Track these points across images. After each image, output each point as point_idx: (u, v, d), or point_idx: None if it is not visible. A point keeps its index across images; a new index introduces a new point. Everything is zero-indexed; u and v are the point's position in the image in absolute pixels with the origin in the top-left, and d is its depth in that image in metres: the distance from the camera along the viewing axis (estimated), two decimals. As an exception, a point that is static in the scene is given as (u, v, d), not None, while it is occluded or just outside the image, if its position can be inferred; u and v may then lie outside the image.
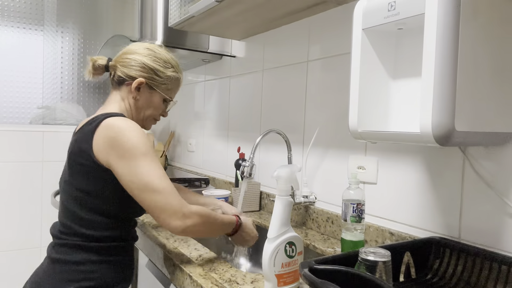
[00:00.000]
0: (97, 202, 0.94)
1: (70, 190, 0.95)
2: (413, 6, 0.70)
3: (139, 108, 1.08)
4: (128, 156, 0.89)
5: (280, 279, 0.79)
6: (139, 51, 1.06)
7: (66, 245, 0.94)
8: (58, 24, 2.27)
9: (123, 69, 1.04)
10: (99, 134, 0.92)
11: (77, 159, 0.94)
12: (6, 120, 2.15)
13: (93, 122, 0.94)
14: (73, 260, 0.93)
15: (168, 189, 0.89)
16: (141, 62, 1.04)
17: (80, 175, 0.94)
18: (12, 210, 2.13)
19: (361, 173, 1.14)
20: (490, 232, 0.84)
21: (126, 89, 1.05)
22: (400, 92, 0.83)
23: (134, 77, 1.04)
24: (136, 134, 0.91)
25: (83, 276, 0.92)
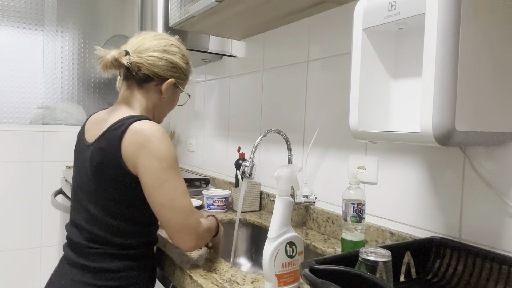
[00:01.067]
0: (128, 211, 0.92)
1: (99, 200, 0.92)
2: (414, 6, 0.70)
3: (163, 107, 1.04)
4: (156, 167, 0.86)
5: (280, 279, 0.79)
6: (169, 49, 0.99)
7: (102, 254, 0.92)
8: (58, 24, 2.27)
9: (151, 68, 0.97)
10: (128, 140, 0.87)
11: (107, 170, 0.89)
12: (6, 120, 2.15)
13: (120, 128, 0.89)
14: (112, 268, 0.91)
15: (188, 207, 0.89)
16: (174, 62, 0.99)
17: (109, 185, 0.90)
18: (12, 210, 2.13)
19: (361, 173, 1.14)
20: (490, 232, 0.84)
21: (152, 88, 0.99)
22: (401, 92, 0.83)
23: (164, 77, 0.99)
24: (166, 144, 0.88)
25: (124, 283, 0.92)
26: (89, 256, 0.92)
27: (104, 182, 0.90)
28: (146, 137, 0.87)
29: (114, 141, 0.88)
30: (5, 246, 2.12)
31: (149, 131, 0.88)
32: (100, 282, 0.90)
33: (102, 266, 0.91)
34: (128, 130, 0.88)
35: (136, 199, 0.91)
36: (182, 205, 0.88)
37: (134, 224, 0.93)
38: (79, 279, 0.91)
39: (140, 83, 0.99)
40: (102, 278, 0.90)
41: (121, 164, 0.87)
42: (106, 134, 0.90)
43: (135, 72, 0.97)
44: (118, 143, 0.88)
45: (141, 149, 0.86)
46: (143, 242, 0.96)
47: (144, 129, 0.88)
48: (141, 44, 0.97)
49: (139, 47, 0.97)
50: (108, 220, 0.91)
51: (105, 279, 0.90)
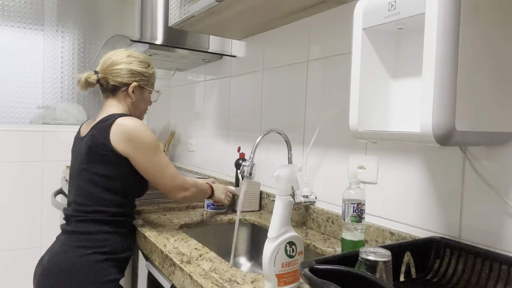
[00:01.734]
0: (112, 183, 1.16)
1: (87, 175, 1.16)
2: (414, 6, 0.70)
3: (136, 106, 1.30)
4: (145, 149, 1.16)
5: (280, 279, 0.79)
6: (124, 60, 1.25)
7: (82, 220, 1.16)
8: (58, 24, 2.27)
9: (115, 79, 1.24)
10: (115, 129, 1.14)
11: (96, 150, 1.14)
12: (6, 120, 2.15)
13: (107, 120, 1.16)
14: (88, 231, 1.15)
15: (173, 174, 1.22)
16: (131, 70, 1.25)
17: (98, 163, 1.15)
18: (12, 210, 2.13)
19: (361, 173, 1.14)
20: (490, 232, 0.84)
21: (122, 94, 1.26)
22: (401, 91, 0.83)
23: (127, 83, 1.25)
24: (148, 132, 1.17)
25: (98, 244, 1.14)
26: (74, 223, 1.16)
27: (93, 159, 1.15)
28: (131, 129, 1.14)
29: (104, 129, 1.15)
30: (5, 246, 2.12)
31: (132, 124, 1.15)
32: (80, 243, 1.14)
33: (82, 229, 1.15)
34: (115, 122, 1.15)
35: (122, 173, 1.17)
36: (168, 173, 1.20)
37: (113, 193, 1.17)
38: (66, 242, 1.15)
39: (112, 92, 1.26)
40: (82, 240, 1.14)
41: (110, 145, 1.13)
42: (97, 125, 1.18)
43: (105, 85, 1.26)
44: (107, 130, 1.14)
45: (130, 137, 1.14)
46: (119, 212, 1.19)
47: (128, 123, 1.15)
48: (105, 62, 1.26)
49: (103, 65, 1.25)
50: (93, 190, 1.16)
51: (84, 240, 1.14)
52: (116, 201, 1.18)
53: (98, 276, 1.11)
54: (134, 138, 1.14)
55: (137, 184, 1.22)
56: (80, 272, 1.10)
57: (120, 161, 1.15)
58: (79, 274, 1.10)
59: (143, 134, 1.15)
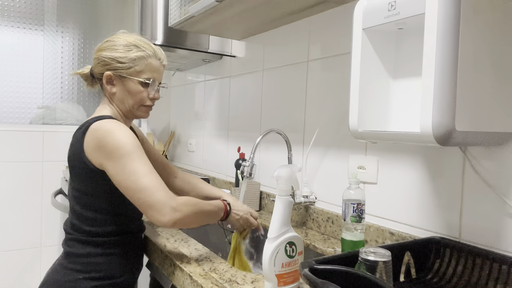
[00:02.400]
0: (93, 201, 1.00)
1: (71, 191, 1.04)
2: (413, 6, 0.70)
3: (120, 100, 1.07)
4: (114, 157, 0.92)
5: (280, 279, 0.79)
6: (100, 47, 1.07)
7: (75, 239, 1.02)
8: (58, 24, 2.27)
9: (95, 70, 1.08)
10: (88, 137, 0.97)
11: (72, 163, 1.01)
12: (6, 120, 2.15)
13: (82, 127, 1.00)
14: (81, 253, 1.01)
15: (152, 184, 0.90)
16: (100, 57, 1.05)
17: (76, 177, 1.01)
18: (12, 210, 2.13)
19: (361, 173, 1.14)
20: (490, 232, 0.84)
21: (103, 87, 1.08)
22: (401, 92, 0.83)
23: (101, 73, 1.05)
24: (120, 135, 0.94)
25: (92, 268, 1.00)
26: (67, 242, 1.04)
27: (74, 175, 1.02)
28: (102, 134, 0.95)
29: (78, 138, 0.99)
30: (5, 246, 2.12)
31: (104, 128, 0.95)
32: (72, 265, 1.00)
33: (74, 251, 1.01)
34: (88, 129, 0.98)
35: (101, 191, 0.99)
36: (145, 184, 0.90)
37: (101, 213, 1.01)
38: (60, 263, 1.03)
39: (100, 86, 1.10)
40: (74, 262, 1.00)
41: (84, 159, 0.97)
42: (75, 133, 1.02)
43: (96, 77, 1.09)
44: (81, 140, 0.98)
45: (100, 143, 0.94)
46: (112, 231, 1.02)
47: (100, 127, 0.96)
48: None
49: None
50: (80, 209, 1.01)
51: (76, 263, 1.00)
52: (104, 220, 1.01)
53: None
54: (104, 143, 0.93)
55: (125, 200, 0.95)
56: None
57: (98, 176, 0.97)
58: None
59: (114, 137, 0.93)
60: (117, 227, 1.03)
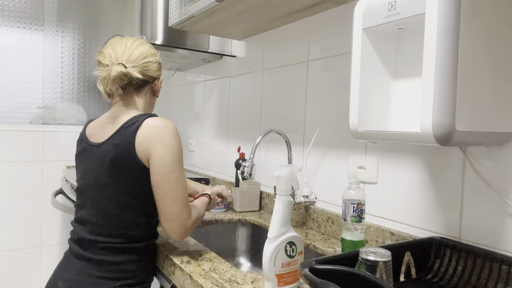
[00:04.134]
0: (136, 202, 0.99)
1: (110, 193, 0.98)
2: (414, 6, 0.70)
3: (154, 102, 1.14)
4: (167, 157, 0.95)
5: (280, 279, 0.79)
6: (150, 51, 1.07)
7: (110, 248, 0.99)
8: (58, 24, 2.27)
9: (147, 73, 1.05)
10: (142, 133, 0.96)
11: (118, 162, 0.96)
12: (6, 120, 2.15)
13: (134, 124, 0.97)
14: (115, 260, 0.98)
15: (186, 200, 0.98)
16: (159, 62, 1.09)
17: (121, 177, 0.97)
18: (12, 210, 2.13)
19: (361, 173, 1.14)
20: (490, 232, 0.84)
21: (147, 90, 1.08)
22: (401, 91, 0.83)
23: (155, 77, 1.09)
24: (177, 138, 0.98)
25: (127, 275, 0.99)
26: (94, 249, 0.98)
27: (116, 175, 0.97)
28: (161, 130, 0.96)
29: (129, 136, 0.96)
30: (5, 246, 2.12)
31: (163, 125, 0.97)
32: (104, 274, 0.97)
33: (106, 258, 0.97)
34: (142, 125, 0.96)
35: (144, 190, 0.98)
36: (182, 196, 0.97)
37: (140, 214, 1.00)
38: (84, 271, 0.97)
39: (138, 88, 1.07)
40: (106, 270, 0.97)
41: (135, 157, 0.95)
42: (121, 131, 0.98)
43: (135, 81, 1.04)
44: (133, 137, 0.95)
45: (156, 140, 0.95)
46: (146, 234, 1.03)
47: (159, 124, 0.97)
48: (129, 53, 1.03)
49: (130, 57, 1.03)
50: (116, 210, 0.98)
51: (108, 271, 0.97)
52: (144, 222, 1.01)
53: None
54: (160, 139, 0.95)
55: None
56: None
57: (146, 173, 0.97)
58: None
59: (172, 139, 0.96)
60: (154, 230, 1.06)
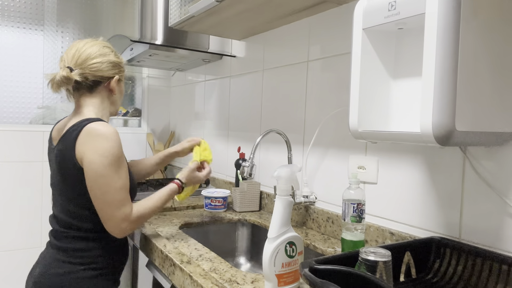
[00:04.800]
0: (87, 201, 1.04)
1: (64, 192, 1.07)
2: (414, 6, 0.70)
3: (115, 101, 1.18)
4: (96, 162, 0.99)
5: (280, 279, 0.79)
6: (101, 51, 1.11)
7: (69, 237, 1.08)
8: (58, 24, 2.27)
9: (97, 73, 1.09)
10: (81, 139, 1.01)
11: (66, 166, 1.03)
12: (6, 120, 2.15)
13: (75, 130, 1.02)
14: (78, 248, 1.07)
15: (117, 202, 1.02)
16: (112, 61, 1.12)
17: (69, 179, 1.04)
18: (12, 210, 2.13)
19: (361, 173, 1.14)
20: (490, 232, 0.84)
21: (102, 90, 1.13)
22: (401, 92, 0.83)
23: (108, 77, 1.12)
24: (111, 143, 1.01)
25: (91, 260, 1.08)
26: (62, 239, 1.09)
27: (66, 177, 1.05)
28: (95, 134, 1.00)
29: (70, 142, 1.02)
30: (5, 246, 2.12)
31: (99, 130, 1.01)
32: (70, 259, 1.07)
33: (71, 246, 1.07)
34: (82, 131, 1.01)
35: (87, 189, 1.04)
36: (112, 199, 1.01)
37: (91, 211, 1.06)
38: (56, 258, 1.08)
39: (90, 89, 1.11)
40: (72, 256, 1.07)
41: (75, 162, 1.01)
42: (65, 135, 1.04)
43: (84, 82, 1.09)
44: (73, 143, 1.01)
45: (88, 146, 1.00)
46: (103, 227, 1.07)
47: (96, 129, 1.01)
48: (78, 56, 1.08)
49: (78, 59, 1.08)
50: (72, 208, 1.07)
51: (74, 257, 1.07)
52: (96, 217, 1.06)
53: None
54: (92, 144, 0.99)
55: None
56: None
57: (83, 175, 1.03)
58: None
59: (105, 144, 1.00)
60: None
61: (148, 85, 2.56)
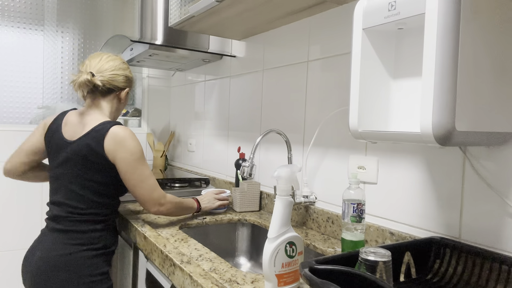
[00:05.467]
0: (106, 189, 1.26)
1: (83, 182, 1.24)
2: (414, 6, 0.70)
3: (121, 108, 1.41)
4: (130, 157, 1.23)
5: (280, 279, 0.79)
6: (121, 66, 1.34)
7: (74, 220, 1.24)
8: (58, 24, 2.27)
9: (113, 83, 1.32)
10: (108, 138, 1.22)
11: (93, 159, 1.22)
12: (6, 120, 2.15)
13: (102, 129, 1.23)
14: (82, 229, 1.23)
15: (152, 186, 1.26)
16: (127, 76, 1.36)
17: (95, 171, 1.23)
18: (12, 210, 2.13)
19: (361, 173, 1.14)
20: (490, 232, 0.84)
21: (112, 97, 1.34)
22: (401, 92, 0.83)
23: (122, 87, 1.35)
24: (135, 143, 1.25)
25: (92, 241, 1.24)
26: (66, 222, 1.24)
27: (90, 168, 1.23)
28: (122, 137, 1.23)
29: (99, 138, 1.22)
30: (5, 246, 2.12)
31: (123, 133, 1.24)
32: (73, 241, 1.22)
33: (75, 228, 1.23)
34: (109, 131, 1.23)
35: (111, 179, 1.26)
36: (148, 184, 1.25)
37: (106, 197, 1.27)
38: (57, 240, 1.22)
39: (104, 94, 1.33)
40: (75, 238, 1.22)
41: (104, 155, 1.22)
42: (91, 133, 1.24)
43: (100, 88, 1.30)
44: (102, 140, 1.22)
45: (119, 146, 1.22)
46: (109, 211, 1.30)
47: (120, 132, 1.24)
48: (100, 66, 1.30)
49: (100, 68, 1.30)
50: (88, 195, 1.24)
51: (76, 239, 1.23)
52: (107, 203, 1.28)
53: (91, 269, 1.22)
54: (122, 145, 1.22)
55: (123, 188, 1.31)
56: (76, 267, 1.20)
57: (112, 168, 1.24)
58: (76, 269, 1.20)
59: (132, 144, 1.23)
60: (113, 209, 1.32)
61: (148, 85, 2.56)
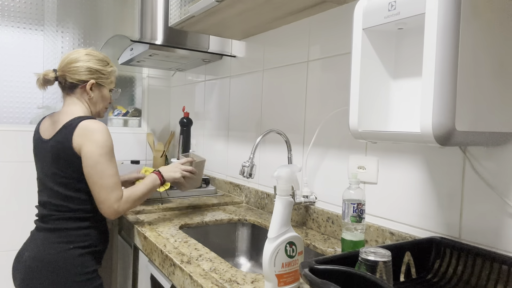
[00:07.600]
0: (80, 184, 1.22)
1: (59, 179, 1.22)
2: (414, 6, 0.70)
3: (94, 103, 1.33)
4: (93, 152, 1.18)
5: (280, 279, 0.79)
6: (81, 58, 1.28)
7: (60, 218, 1.22)
8: (58, 24, 2.27)
9: (73, 76, 1.27)
10: (77, 133, 1.19)
11: (63, 155, 1.20)
12: (6, 120, 2.15)
13: (71, 125, 1.20)
14: (68, 227, 1.22)
15: (112, 186, 1.19)
16: (88, 67, 1.28)
17: (67, 167, 1.21)
18: (12, 210, 2.13)
19: (361, 173, 1.14)
20: (490, 232, 0.84)
21: (79, 91, 1.30)
22: (401, 92, 0.83)
23: (85, 80, 1.28)
24: (105, 136, 1.20)
25: (79, 239, 1.23)
26: (51, 221, 1.23)
27: (62, 165, 1.21)
28: (90, 130, 1.19)
29: (68, 135, 1.19)
30: (4, 246, 2.12)
31: (92, 126, 1.20)
32: (60, 239, 1.21)
33: (62, 226, 1.22)
34: (77, 126, 1.20)
35: (82, 174, 1.21)
36: (107, 183, 1.18)
37: (83, 193, 1.23)
38: (45, 239, 1.22)
39: (70, 89, 1.30)
40: (63, 236, 1.22)
41: (73, 151, 1.19)
42: (62, 131, 1.21)
43: (63, 83, 1.29)
44: (70, 136, 1.19)
45: (85, 138, 1.18)
46: (91, 208, 1.25)
47: (89, 125, 1.20)
48: (63, 60, 1.29)
49: (61, 63, 1.28)
50: (67, 192, 1.22)
51: (63, 236, 1.21)
52: (86, 199, 1.24)
53: (80, 268, 1.22)
54: (90, 137, 1.18)
55: None
56: (64, 265, 1.20)
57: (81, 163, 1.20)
58: (64, 268, 1.20)
59: (100, 137, 1.18)
60: (94, 205, 1.25)
61: (148, 85, 2.56)
